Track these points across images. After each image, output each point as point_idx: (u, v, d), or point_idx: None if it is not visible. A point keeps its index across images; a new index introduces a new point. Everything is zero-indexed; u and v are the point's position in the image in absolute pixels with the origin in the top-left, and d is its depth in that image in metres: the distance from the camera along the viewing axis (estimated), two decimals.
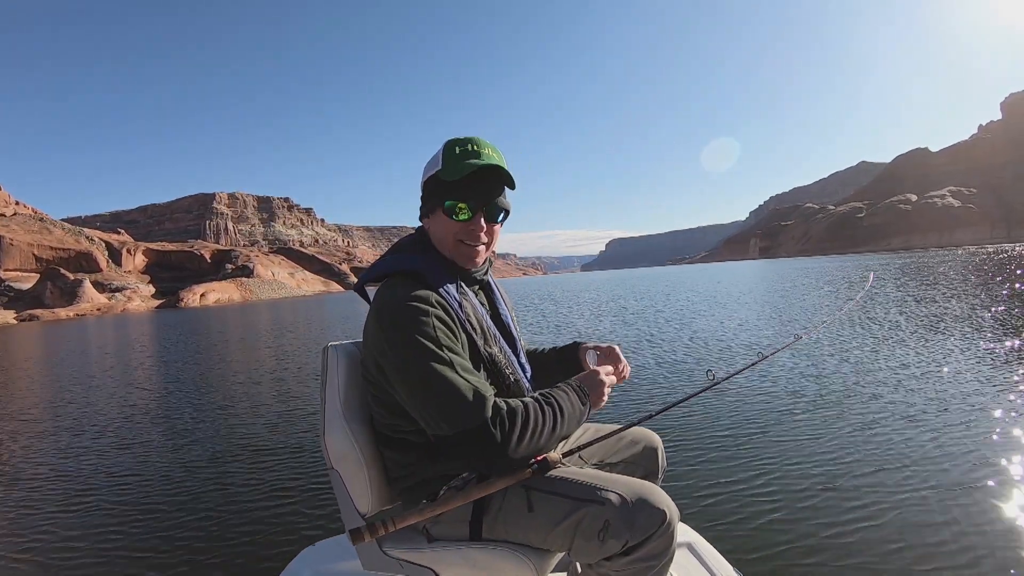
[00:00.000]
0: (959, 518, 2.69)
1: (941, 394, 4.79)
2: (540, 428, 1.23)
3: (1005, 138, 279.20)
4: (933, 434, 3.82)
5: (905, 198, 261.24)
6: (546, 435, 1.24)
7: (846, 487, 3.11)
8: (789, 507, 2.93)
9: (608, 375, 1.38)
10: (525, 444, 1.22)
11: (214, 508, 3.53)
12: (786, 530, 2.71)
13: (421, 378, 1.21)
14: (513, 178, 1.40)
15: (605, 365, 1.46)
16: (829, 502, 2.95)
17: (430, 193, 1.41)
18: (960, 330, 8.09)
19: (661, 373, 6.85)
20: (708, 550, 1.83)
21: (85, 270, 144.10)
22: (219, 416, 6.26)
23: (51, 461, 4.91)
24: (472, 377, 1.24)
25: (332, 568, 1.81)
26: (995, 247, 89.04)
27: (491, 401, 1.20)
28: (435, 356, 1.22)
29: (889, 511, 2.79)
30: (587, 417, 1.35)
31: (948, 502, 2.84)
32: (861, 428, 4.06)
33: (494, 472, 1.26)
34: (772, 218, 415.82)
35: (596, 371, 1.38)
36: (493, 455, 1.20)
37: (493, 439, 1.18)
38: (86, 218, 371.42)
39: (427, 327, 1.24)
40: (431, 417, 1.22)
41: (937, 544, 2.48)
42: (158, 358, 13.81)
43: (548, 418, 1.24)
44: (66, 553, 3.06)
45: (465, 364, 1.25)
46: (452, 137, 1.41)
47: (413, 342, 1.23)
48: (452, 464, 1.33)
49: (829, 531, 2.67)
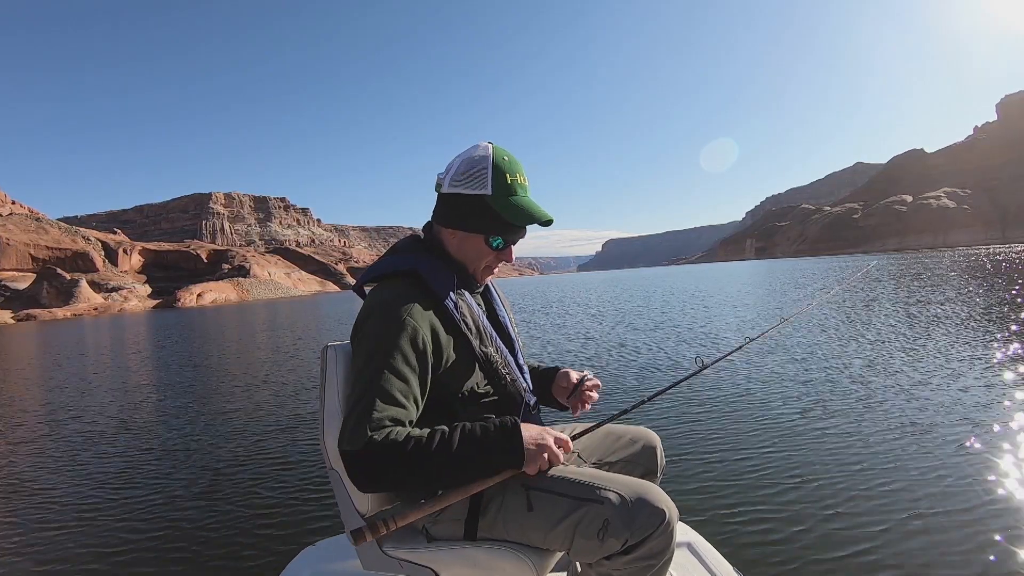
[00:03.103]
0: (963, 518, 2.68)
1: (944, 393, 4.84)
2: (412, 477, 1.21)
3: (1000, 139, 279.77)
4: (934, 433, 3.87)
5: (900, 199, 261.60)
6: (419, 483, 1.22)
7: (846, 486, 3.15)
8: (788, 506, 2.95)
9: (557, 443, 1.29)
10: (388, 488, 1.25)
11: (214, 508, 3.57)
12: (786, 529, 2.72)
13: (358, 393, 1.23)
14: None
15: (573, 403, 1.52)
16: (829, 501, 2.97)
17: (469, 212, 1.39)
18: (957, 324, 8.18)
19: (651, 361, 6.95)
20: (708, 549, 1.83)
21: (81, 270, 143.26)
22: (218, 416, 6.30)
23: (50, 461, 4.95)
24: (395, 410, 1.23)
25: (332, 568, 1.81)
26: (989, 248, 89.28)
27: (380, 435, 1.18)
28: (378, 376, 1.23)
29: (890, 509, 2.81)
30: (507, 473, 1.28)
31: (951, 502, 2.84)
32: (862, 428, 4.11)
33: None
34: (768, 219, 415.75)
35: (546, 432, 1.30)
36: (357, 485, 1.22)
37: (354, 472, 1.19)
38: (82, 218, 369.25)
39: (392, 346, 1.25)
40: (341, 427, 1.24)
41: (939, 543, 2.47)
42: (157, 358, 13.81)
43: (430, 469, 1.20)
44: (66, 553, 3.09)
45: (397, 393, 1.24)
46: (484, 144, 1.41)
47: (370, 354, 1.25)
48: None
49: (829, 530, 2.66)
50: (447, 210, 1.42)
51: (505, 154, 1.40)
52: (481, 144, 1.41)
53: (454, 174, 1.39)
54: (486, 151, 1.39)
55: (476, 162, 1.37)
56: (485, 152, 1.39)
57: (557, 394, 1.62)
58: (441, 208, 1.44)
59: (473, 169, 1.37)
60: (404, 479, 1.21)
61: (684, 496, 3.14)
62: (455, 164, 1.40)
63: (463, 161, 1.39)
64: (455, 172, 1.39)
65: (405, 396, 1.25)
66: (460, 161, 1.40)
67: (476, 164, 1.37)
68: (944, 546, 2.46)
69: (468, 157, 1.39)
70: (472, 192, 1.37)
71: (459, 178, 1.38)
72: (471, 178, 1.37)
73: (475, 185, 1.37)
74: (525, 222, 1.38)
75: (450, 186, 1.39)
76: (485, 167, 1.37)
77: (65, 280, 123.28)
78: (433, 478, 1.22)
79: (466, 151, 1.41)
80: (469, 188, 1.37)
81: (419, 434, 1.22)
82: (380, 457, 1.17)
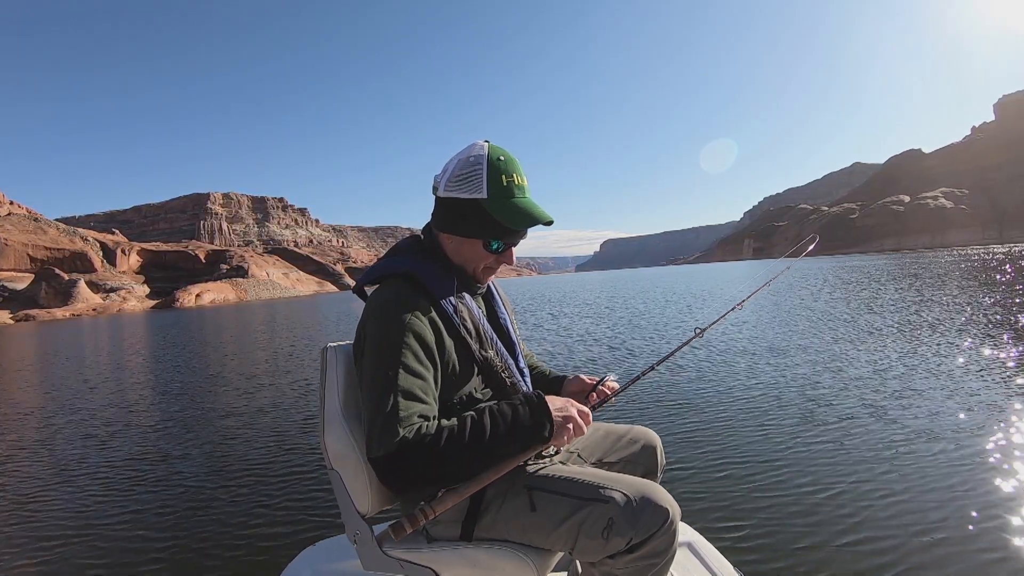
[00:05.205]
0: (966, 517, 2.68)
1: (953, 398, 4.84)
2: (450, 468, 1.20)
3: (998, 140, 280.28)
4: (939, 435, 3.86)
5: (898, 199, 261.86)
6: (457, 473, 1.22)
7: (847, 487, 3.15)
8: (789, 506, 2.95)
9: (580, 415, 1.29)
10: (426, 486, 1.23)
11: (214, 508, 3.57)
12: (786, 529, 2.72)
13: (379, 396, 1.22)
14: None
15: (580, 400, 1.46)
16: (830, 501, 2.97)
17: (465, 217, 1.36)
18: (959, 326, 8.19)
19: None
20: (708, 549, 1.84)
21: (80, 270, 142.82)
22: (218, 416, 6.29)
23: (49, 462, 4.94)
24: (420, 406, 1.22)
25: (332, 568, 1.81)
26: (985, 248, 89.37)
27: (412, 432, 1.18)
28: (394, 376, 1.22)
29: (891, 510, 2.81)
30: (536, 454, 1.30)
31: (955, 501, 2.85)
32: (863, 429, 4.11)
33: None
34: (766, 219, 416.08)
35: (570, 403, 1.31)
36: (393, 489, 1.23)
37: (393, 474, 1.19)
38: (80, 218, 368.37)
39: (400, 345, 1.24)
40: (367, 436, 1.23)
41: (940, 544, 2.48)
42: (155, 359, 13.78)
43: (466, 456, 1.20)
44: (66, 554, 3.09)
45: (417, 390, 1.23)
46: (479, 144, 1.38)
47: (381, 357, 1.24)
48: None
49: (830, 530, 2.66)
50: (443, 214, 1.40)
51: (501, 153, 1.36)
52: (477, 143, 1.38)
53: (449, 177, 1.36)
54: (481, 151, 1.35)
55: (471, 164, 1.34)
56: (480, 152, 1.35)
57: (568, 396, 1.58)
58: (438, 212, 1.41)
59: (468, 171, 1.34)
60: (443, 472, 1.20)
61: (684, 496, 3.14)
62: (450, 166, 1.37)
63: (458, 163, 1.36)
64: (450, 175, 1.36)
65: (425, 392, 1.24)
66: (455, 163, 1.36)
67: (471, 166, 1.34)
68: (944, 546, 2.46)
69: (463, 158, 1.35)
70: (467, 196, 1.34)
71: (454, 181, 1.35)
72: (466, 181, 1.34)
73: (470, 188, 1.33)
74: (523, 225, 1.35)
75: (445, 190, 1.36)
76: (480, 169, 1.33)
77: (63, 280, 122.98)
78: (470, 465, 1.21)
79: (462, 151, 1.38)
80: (464, 192, 1.34)
81: (449, 424, 1.21)
82: (417, 454, 1.16)
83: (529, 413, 1.24)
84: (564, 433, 1.25)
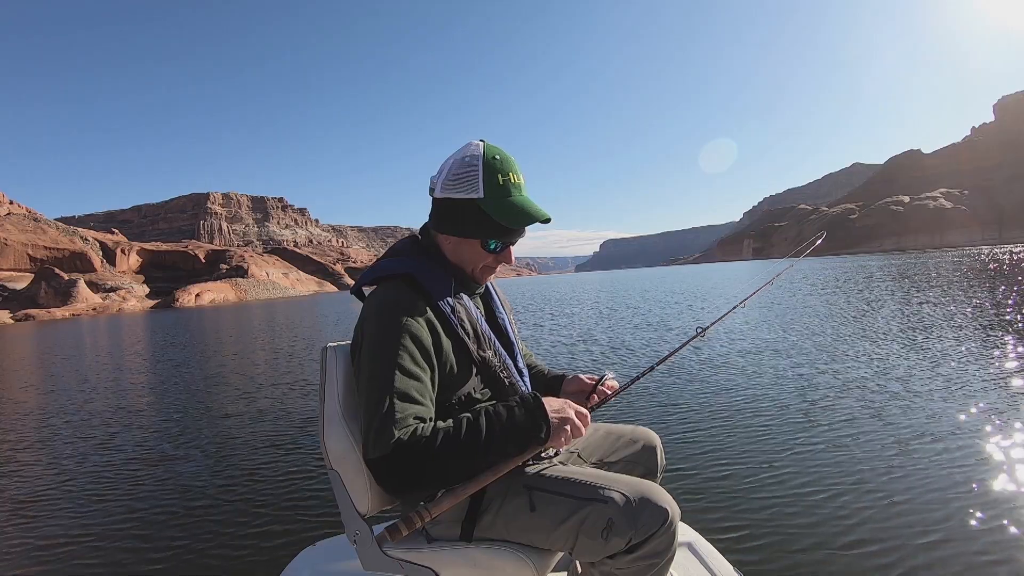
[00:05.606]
0: (966, 518, 2.68)
1: (955, 399, 4.83)
2: (446, 470, 1.20)
3: (997, 140, 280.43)
4: (942, 437, 3.85)
5: (897, 199, 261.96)
6: (454, 475, 1.21)
7: (848, 487, 3.15)
8: (788, 506, 2.95)
9: (578, 416, 1.29)
10: (422, 488, 1.22)
11: (214, 508, 3.57)
12: (786, 529, 2.72)
13: (376, 397, 1.22)
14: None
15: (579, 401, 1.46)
16: (829, 500, 2.97)
17: (462, 217, 1.36)
18: (961, 327, 8.21)
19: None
20: (708, 549, 1.83)
21: (79, 270, 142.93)
22: (217, 417, 6.29)
23: (48, 462, 4.94)
24: (416, 408, 1.22)
25: (332, 568, 1.80)
26: (983, 249, 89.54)
27: (407, 434, 1.18)
28: (391, 378, 1.22)
29: (893, 511, 2.80)
30: (535, 454, 1.29)
31: (956, 501, 2.84)
32: (864, 429, 4.11)
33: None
34: (765, 219, 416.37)
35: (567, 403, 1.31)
36: (390, 491, 1.23)
37: (388, 476, 1.19)
38: (80, 218, 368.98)
39: (396, 346, 1.24)
40: (363, 438, 1.23)
41: (942, 543, 2.48)
42: (155, 359, 13.78)
43: (462, 459, 1.20)
44: (66, 553, 3.09)
45: (413, 392, 1.23)
46: (475, 144, 1.37)
47: (378, 358, 1.24)
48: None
49: (829, 530, 2.66)
50: (441, 215, 1.40)
51: (497, 152, 1.36)
52: (472, 143, 1.37)
53: (445, 177, 1.36)
54: (477, 150, 1.35)
55: (467, 164, 1.34)
56: (476, 152, 1.35)
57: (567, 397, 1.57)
58: (435, 213, 1.41)
59: (464, 171, 1.34)
60: (439, 474, 1.20)
61: (684, 496, 3.14)
62: (446, 166, 1.37)
63: (454, 163, 1.36)
64: (446, 175, 1.36)
65: (421, 394, 1.24)
66: (451, 163, 1.36)
67: (467, 166, 1.34)
68: (944, 547, 2.46)
69: (459, 158, 1.35)
70: (464, 196, 1.33)
71: (450, 181, 1.35)
72: (462, 181, 1.34)
73: (466, 188, 1.33)
74: (520, 224, 1.35)
75: (442, 190, 1.36)
76: (476, 169, 1.33)
77: (63, 280, 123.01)
78: (467, 467, 1.21)
79: (457, 151, 1.38)
80: (460, 192, 1.34)
81: (445, 426, 1.21)
82: (412, 456, 1.16)
83: (526, 414, 1.24)
84: (561, 435, 1.25)
